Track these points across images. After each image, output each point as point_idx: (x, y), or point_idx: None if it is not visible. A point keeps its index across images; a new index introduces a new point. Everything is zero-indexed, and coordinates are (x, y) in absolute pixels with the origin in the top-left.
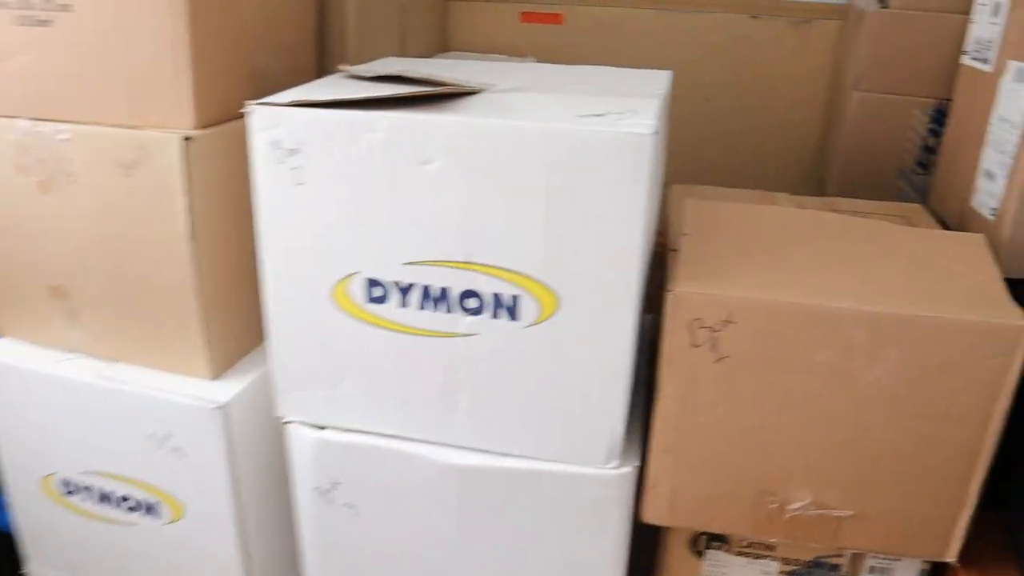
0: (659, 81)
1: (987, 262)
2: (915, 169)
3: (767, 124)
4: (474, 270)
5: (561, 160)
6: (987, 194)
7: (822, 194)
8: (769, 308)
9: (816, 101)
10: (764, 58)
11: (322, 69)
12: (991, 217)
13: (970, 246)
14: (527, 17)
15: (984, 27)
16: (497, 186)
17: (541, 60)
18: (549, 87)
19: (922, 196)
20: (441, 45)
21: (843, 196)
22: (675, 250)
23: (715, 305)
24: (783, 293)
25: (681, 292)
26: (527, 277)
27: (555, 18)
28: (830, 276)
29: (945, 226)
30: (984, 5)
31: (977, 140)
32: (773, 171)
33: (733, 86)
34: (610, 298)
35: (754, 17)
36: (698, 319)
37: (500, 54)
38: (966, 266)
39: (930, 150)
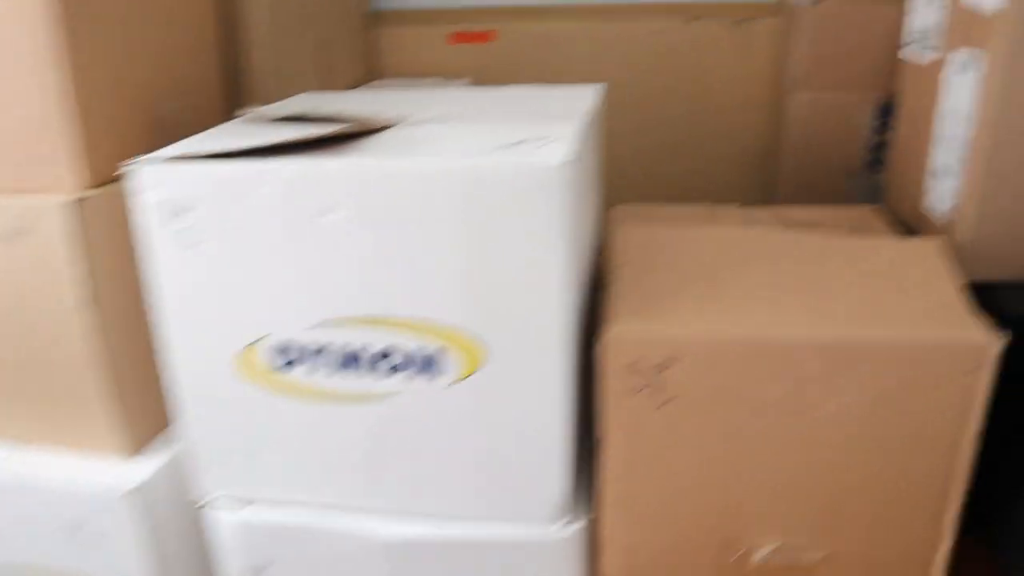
0: (586, 99)
1: (945, 271)
2: (866, 169)
3: (714, 130)
4: (391, 326)
5: (473, 198)
6: (941, 193)
7: (773, 198)
8: (714, 344)
9: (761, 103)
10: (705, 62)
11: (236, 112)
12: (946, 217)
13: (926, 254)
14: (457, 38)
15: (922, 16)
16: (407, 231)
17: (476, 79)
18: (468, 115)
19: (876, 196)
20: (370, 73)
21: (794, 200)
22: (611, 283)
23: (655, 345)
24: (728, 326)
25: (617, 333)
26: (449, 329)
27: (486, 36)
28: (778, 303)
29: (901, 228)
30: None
31: (926, 136)
32: (723, 178)
33: (676, 93)
34: (540, 345)
35: (691, 20)
36: (638, 361)
37: (434, 77)
38: (923, 278)
39: (880, 148)
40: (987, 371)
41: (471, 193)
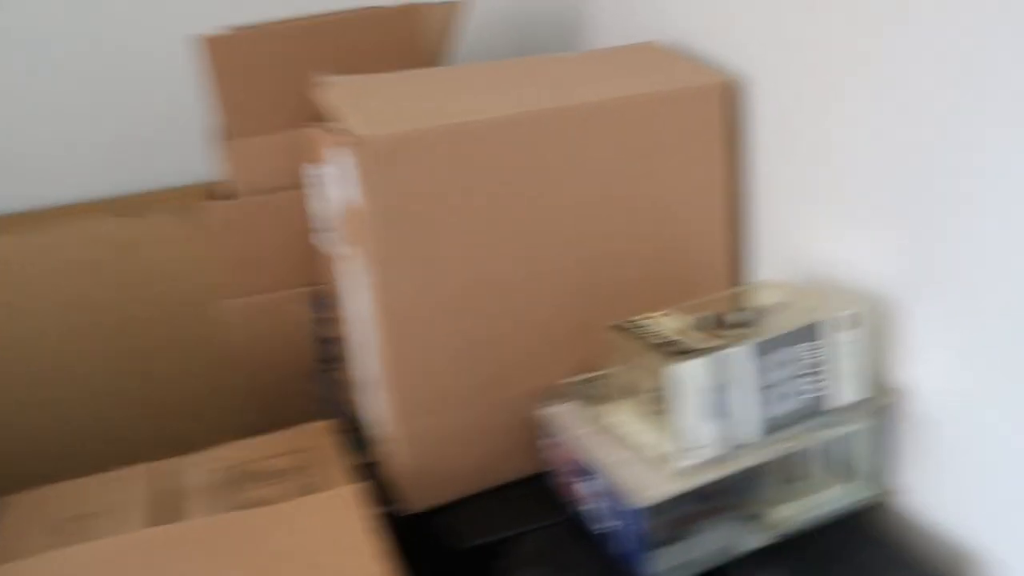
0: None
1: (362, 532)
2: (325, 367)
3: (172, 340)
4: None
5: None
6: (377, 406)
7: (236, 412)
8: None
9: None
10: (161, 264)
11: None
12: (385, 434)
13: (342, 512)
14: None
15: (320, 204)
16: None
17: None
18: None
19: (342, 395)
20: None
21: (260, 412)
22: None
23: None
24: None
25: None
26: None
27: None
28: None
29: (354, 447)
30: (313, 177)
31: (352, 339)
32: (186, 396)
33: (134, 308)
34: None
35: (130, 216)
36: None
37: None
38: (342, 556)
39: (332, 343)
40: None
41: None
